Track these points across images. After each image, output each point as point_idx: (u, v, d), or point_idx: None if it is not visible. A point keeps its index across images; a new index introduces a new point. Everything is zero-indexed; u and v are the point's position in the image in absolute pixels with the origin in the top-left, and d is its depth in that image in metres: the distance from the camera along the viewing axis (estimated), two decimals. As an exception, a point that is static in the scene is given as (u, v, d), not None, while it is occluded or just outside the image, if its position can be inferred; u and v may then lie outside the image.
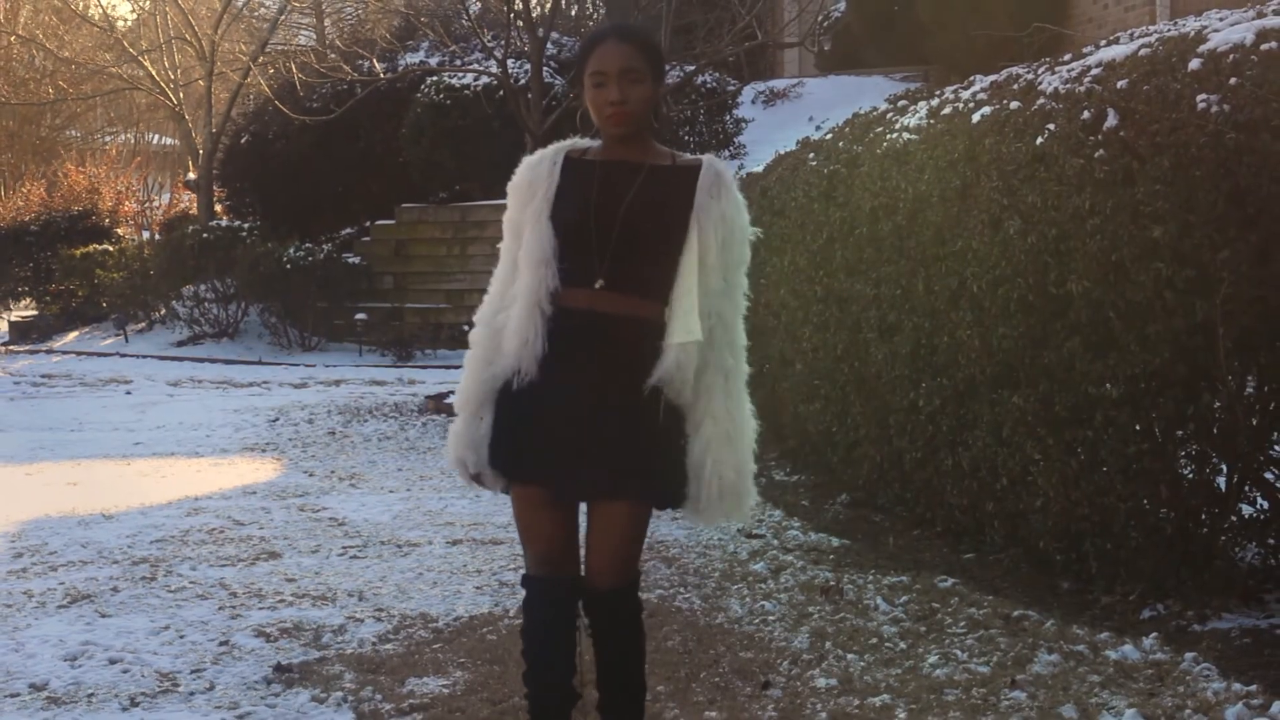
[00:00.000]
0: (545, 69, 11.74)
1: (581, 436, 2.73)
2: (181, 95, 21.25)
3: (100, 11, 24.37)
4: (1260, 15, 3.83)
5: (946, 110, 5.00)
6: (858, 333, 5.51)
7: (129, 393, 12.02)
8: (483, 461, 2.85)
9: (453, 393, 11.38)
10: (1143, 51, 3.97)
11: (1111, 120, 3.83)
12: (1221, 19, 4.03)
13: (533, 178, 2.85)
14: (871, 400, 5.45)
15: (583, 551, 2.87)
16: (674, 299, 2.75)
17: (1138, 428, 3.93)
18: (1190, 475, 3.99)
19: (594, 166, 2.83)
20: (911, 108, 5.63)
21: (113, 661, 3.96)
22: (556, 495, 2.79)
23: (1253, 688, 3.29)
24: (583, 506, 2.86)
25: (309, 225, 16.79)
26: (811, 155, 6.57)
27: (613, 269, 2.74)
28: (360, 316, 15.19)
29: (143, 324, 17.08)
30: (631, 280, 2.75)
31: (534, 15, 10.78)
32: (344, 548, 5.48)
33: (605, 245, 2.74)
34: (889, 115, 5.85)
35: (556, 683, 2.81)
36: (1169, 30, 4.30)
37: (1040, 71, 4.59)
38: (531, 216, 2.80)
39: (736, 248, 2.79)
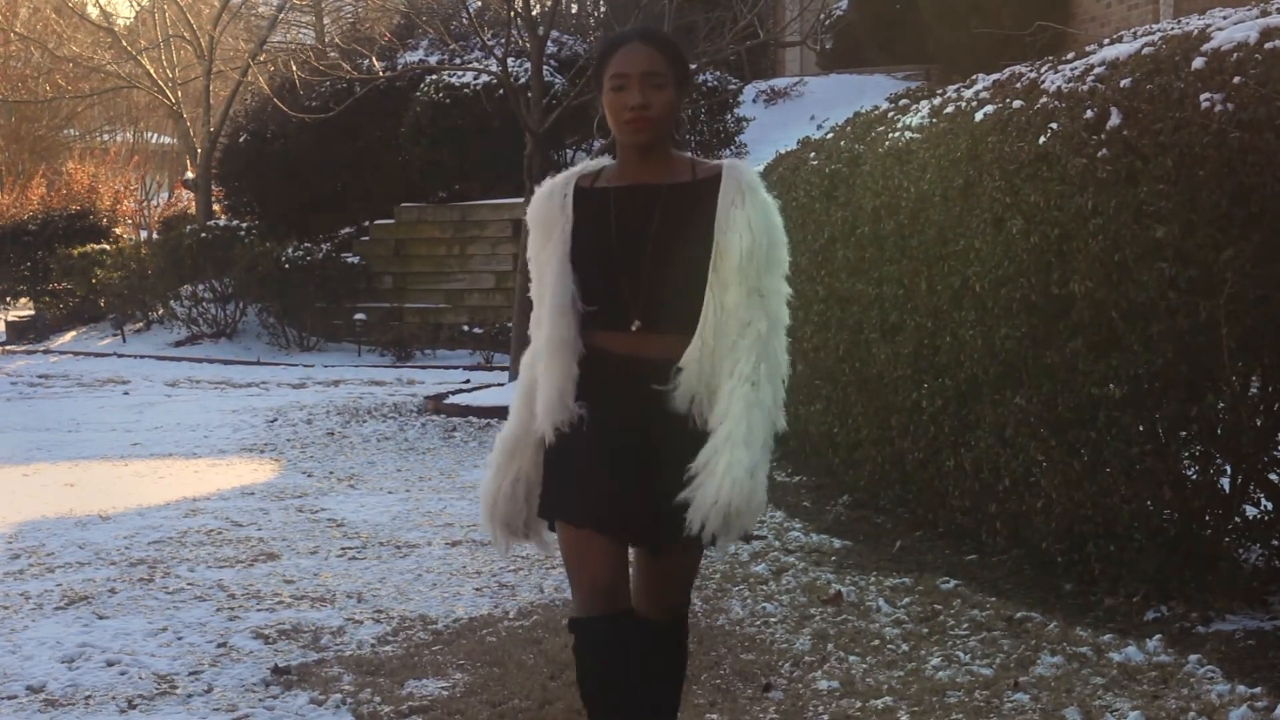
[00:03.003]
0: (545, 67, 11.72)
1: (632, 482, 2.58)
2: (180, 93, 21.28)
3: (99, 9, 24.38)
4: (1264, 14, 3.81)
5: (949, 109, 4.98)
6: (859, 333, 5.49)
7: (126, 393, 12.00)
8: (530, 517, 2.72)
9: (454, 392, 11.32)
10: (1146, 50, 3.95)
11: (1115, 119, 3.81)
12: (1225, 17, 4.01)
13: (547, 213, 2.67)
14: (873, 401, 5.43)
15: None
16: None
17: (1141, 428, 3.91)
18: (1194, 476, 3.97)
19: (608, 196, 2.64)
20: (914, 106, 5.61)
21: (110, 663, 3.95)
22: (623, 542, 2.63)
23: (1257, 690, 3.27)
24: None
25: (308, 225, 16.78)
26: (813, 154, 6.55)
27: (648, 308, 2.59)
28: (359, 316, 15.17)
29: (140, 324, 17.07)
30: (668, 316, 2.59)
31: (534, 13, 10.76)
32: (343, 549, 5.46)
33: (635, 284, 2.59)
34: (891, 114, 5.83)
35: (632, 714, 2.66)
36: (1172, 29, 4.27)
37: (1043, 70, 4.57)
38: (551, 259, 2.64)
39: (767, 252, 2.57)
